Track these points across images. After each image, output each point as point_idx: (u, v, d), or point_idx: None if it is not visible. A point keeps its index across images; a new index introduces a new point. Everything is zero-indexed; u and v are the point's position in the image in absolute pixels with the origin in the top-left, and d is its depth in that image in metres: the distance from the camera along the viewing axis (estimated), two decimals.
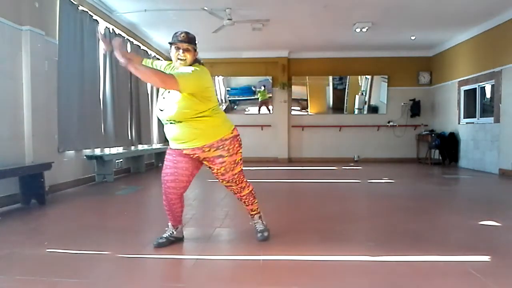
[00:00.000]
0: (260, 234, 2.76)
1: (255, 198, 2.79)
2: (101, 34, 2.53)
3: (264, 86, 10.06)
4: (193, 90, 2.34)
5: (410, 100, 9.77)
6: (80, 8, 5.40)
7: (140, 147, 7.84)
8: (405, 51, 9.62)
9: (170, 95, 2.41)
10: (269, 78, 10.03)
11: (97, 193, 5.07)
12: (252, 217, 2.84)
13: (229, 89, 10.18)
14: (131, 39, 7.37)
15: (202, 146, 2.46)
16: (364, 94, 10.04)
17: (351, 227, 3.28)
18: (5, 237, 2.92)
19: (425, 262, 2.35)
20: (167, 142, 2.61)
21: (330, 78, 10.05)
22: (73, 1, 5.21)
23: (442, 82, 9.21)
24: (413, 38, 8.43)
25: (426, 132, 9.27)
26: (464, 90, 8.23)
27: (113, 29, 6.52)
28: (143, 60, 2.85)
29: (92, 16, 5.75)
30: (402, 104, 9.85)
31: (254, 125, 9.94)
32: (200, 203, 4.42)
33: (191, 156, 2.53)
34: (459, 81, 8.32)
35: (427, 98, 9.80)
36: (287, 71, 9.91)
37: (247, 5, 6.25)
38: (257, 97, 10.11)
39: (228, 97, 10.15)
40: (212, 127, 2.45)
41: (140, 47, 7.83)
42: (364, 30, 7.50)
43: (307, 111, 10.15)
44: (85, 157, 5.71)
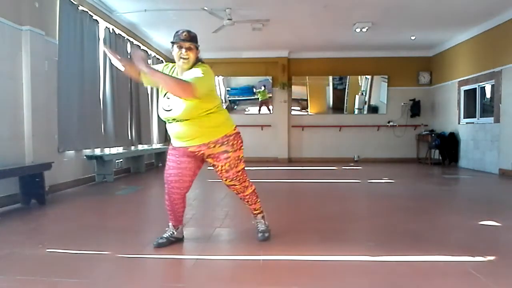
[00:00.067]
0: (261, 234, 2.75)
1: (258, 198, 2.79)
2: (110, 51, 2.48)
3: (264, 86, 10.06)
4: (207, 93, 2.39)
5: (410, 100, 9.77)
6: (80, 8, 5.40)
7: (140, 147, 7.84)
8: (405, 51, 9.62)
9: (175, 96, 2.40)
10: (269, 78, 10.02)
11: (97, 193, 5.08)
12: (255, 216, 2.83)
13: (229, 89, 10.18)
14: (131, 39, 7.38)
15: (208, 143, 2.47)
16: (364, 94, 10.04)
17: (351, 227, 3.28)
18: (5, 237, 2.92)
19: (425, 262, 2.35)
20: (167, 142, 2.61)
21: (330, 78, 10.05)
22: (73, 1, 5.21)
23: (442, 82, 9.21)
24: (413, 38, 8.43)
25: (426, 132, 9.27)
26: (464, 90, 8.23)
27: (113, 29, 6.53)
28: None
29: (92, 16, 5.75)
30: (402, 104, 9.85)
31: (254, 125, 9.94)
32: (200, 203, 4.42)
33: (196, 154, 2.53)
34: (459, 81, 8.32)
35: (427, 98, 9.80)
36: (287, 71, 9.91)
37: (247, 5, 6.25)
38: (257, 97, 10.12)
39: (228, 97, 10.15)
40: (218, 124, 2.50)
41: (140, 47, 7.83)
42: (364, 30, 7.50)
43: (307, 111, 10.15)
44: (85, 157, 5.71)
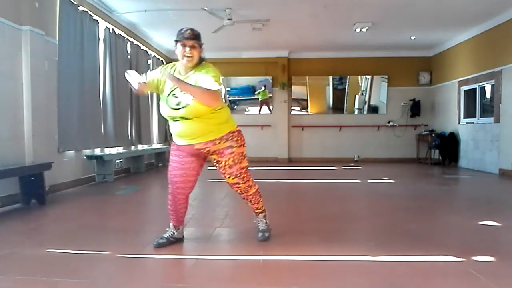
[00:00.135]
0: (261, 234, 2.75)
1: (261, 197, 2.78)
2: (134, 78, 2.43)
3: (265, 86, 10.06)
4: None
5: (410, 100, 9.78)
6: (80, 8, 5.40)
7: (140, 147, 7.84)
8: (405, 51, 9.62)
9: (184, 94, 2.38)
10: (269, 78, 10.02)
11: (97, 193, 5.08)
12: (257, 215, 2.83)
13: (229, 89, 10.17)
14: (131, 39, 7.38)
15: (214, 139, 2.50)
16: (364, 94, 10.03)
17: (351, 227, 3.28)
18: (5, 237, 2.92)
19: (425, 262, 2.35)
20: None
21: (330, 78, 10.04)
22: (73, 1, 5.21)
23: (442, 82, 9.21)
24: (413, 38, 8.43)
25: (426, 132, 9.27)
26: (464, 90, 8.23)
27: (113, 29, 6.53)
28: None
29: (92, 16, 5.76)
30: (402, 104, 9.85)
31: (254, 125, 9.93)
32: (200, 203, 4.42)
33: (201, 152, 2.54)
34: (459, 81, 8.32)
35: (427, 98, 9.80)
36: (287, 71, 9.91)
37: (247, 5, 6.25)
38: (257, 97, 10.11)
39: (228, 97, 10.15)
40: (224, 121, 2.55)
41: (140, 47, 7.83)
42: (364, 30, 7.50)
43: (307, 111, 10.15)
44: (85, 157, 5.71)
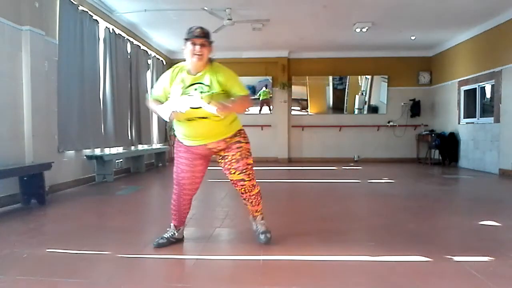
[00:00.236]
0: (264, 236, 2.67)
1: (261, 199, 2.75)
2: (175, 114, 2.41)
3: (266, 86, 10.05)
4: None
5: (410, 100, 9.77)
6: (80, 8, 5.40)
7: (140, 147, 7.84)
8: (405, 51, 9.62)
9: (202, 93, 2.37)
10: (269, 78, 10.02)
11: (97, 193, 5.07)
12: (255, 218, 2.77)
13: None
14: (131, 39, 7.38)
15: (226, 138, 2.54)
16: (364, 94, 10.03)
17: (351, 227, 3.28)
18: (5, 237, 2.92)
19: (425, 262, 2.35)
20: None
21: (330, 78, 10.04)
22: (73, 1, 5.21)
23: (442, 82, 9.21)
24: (413, 38, 8.43)
25: (426, 132, 9.27)
26: (464, 90, 8.23)
27: (113, 29, 6.53)
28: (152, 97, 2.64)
29: (92, 16, 5.75)
30: (402, 104, 9.85)
31: (254, 125, 9.92)
32: (200, 203, 4.42)
33: (212, 150, 2.58)
34: (459, 81, 8.32)
35: (427, 98, 9.80)
36: (287, 71, 9.91)
37: (247, 5, 6.25)
38: (257, 97, 10.09)
39: None
40: (234, 119, 2.61)
41: (140, 47, 7.83)
42: (364, 30, 7.50)
43: (307, 111, 10.14)
44: (85, 157, 5.71)
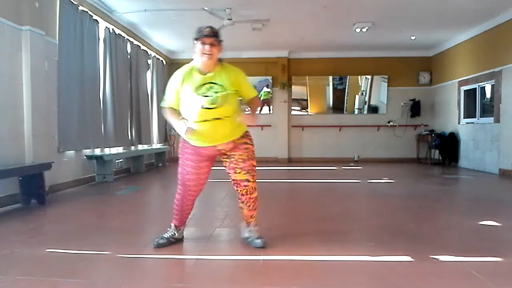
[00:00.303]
0: (259, 240, 2.63)
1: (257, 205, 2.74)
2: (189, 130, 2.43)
3: (267, 86, 10.04)
4: None
5: (410, 100, 9.77)
6: (80, 8, 5.40)
7: (140, 147, 7.84)
8: (405, 51, 9.62)
9: (217, 93, 2.42)
10: (269, 78, 10.02)
11: (97, 193, 5.07)
12: (249, 224, 2.73)
13: None
14: (131, 39, 7.38)
15: (234, 139, 2.56)
16: (364, 94, 10.03)
17: (351, 227, 3.28)
18: (5, 237, 2.92)
19: (425, 262, 2.35)
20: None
21: (330, 78, 10.04)
22: (73, 1, 5.21)
23: (442, 82, 9.21)
24: (413, 38, 8.43)
25: (426, 132, 9.27)
26: (464, 90, 8.23)
27: (113, 29, 6.53)
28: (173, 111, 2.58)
29: (92, 16, 5.75)
30: (402, 104, 9.85)
31: (254, 125, 9.90)
32: (200, 203, 4.41)
33: (220, 151, 2.58)
34: (459, 81, 8.32)
35: (427, 98, 9.80)
36: (287, 71, 9.91)
37: (247, 5, 6.25)
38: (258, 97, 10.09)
39: None
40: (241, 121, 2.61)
41: (140, 47, 7.83)
42: (364, 30, 7.50)
43: (307, 111, 10.14)
44: (85, 157, 5.71)
